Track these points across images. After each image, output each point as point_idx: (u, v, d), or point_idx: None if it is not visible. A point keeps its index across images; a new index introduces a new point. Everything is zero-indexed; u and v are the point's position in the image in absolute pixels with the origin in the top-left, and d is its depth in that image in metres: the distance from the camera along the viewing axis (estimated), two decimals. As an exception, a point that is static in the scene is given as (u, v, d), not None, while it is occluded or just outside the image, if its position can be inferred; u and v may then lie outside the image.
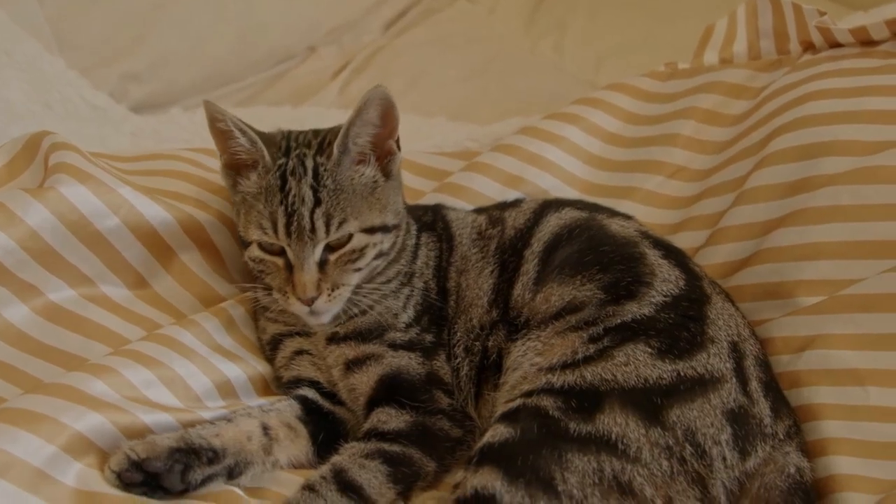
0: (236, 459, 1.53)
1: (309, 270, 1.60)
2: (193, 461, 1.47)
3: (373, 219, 1.64)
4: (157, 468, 1.44)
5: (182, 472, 1.46)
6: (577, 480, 1.38)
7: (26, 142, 1.78)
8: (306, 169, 1.64)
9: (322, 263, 1.61)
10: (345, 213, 1.62)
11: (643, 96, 2.24)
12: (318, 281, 1.60)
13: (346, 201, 1.63)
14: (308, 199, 1.61)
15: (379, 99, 1.62)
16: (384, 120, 1.65)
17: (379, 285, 1.70)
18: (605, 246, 1.65)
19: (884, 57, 1.98)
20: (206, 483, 1.49)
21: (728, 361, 1.51)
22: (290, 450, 1.61)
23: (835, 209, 1.77)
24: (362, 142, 1.65)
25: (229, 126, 1.65)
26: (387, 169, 1.70)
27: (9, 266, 1.61)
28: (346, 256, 1.62)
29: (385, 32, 3.69)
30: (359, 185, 1.65)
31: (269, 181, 1.65)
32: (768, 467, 1.47)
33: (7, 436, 1.33)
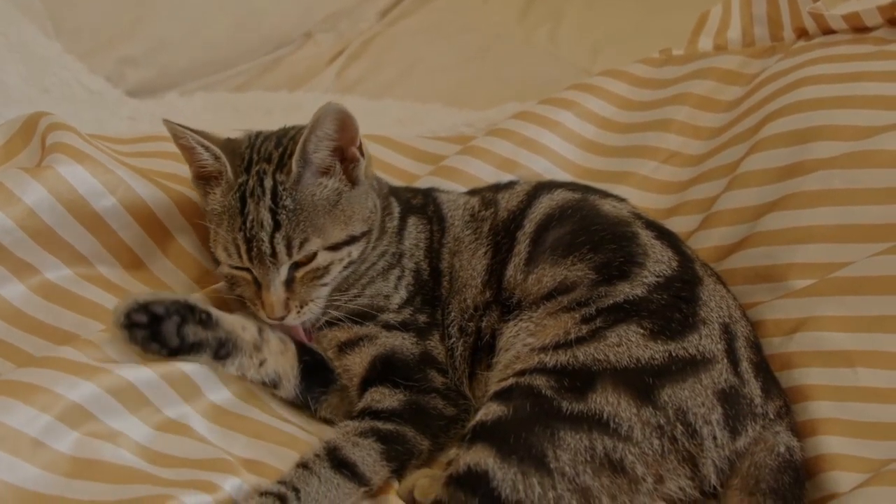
0: (227, 336, 1.58)
1: (275, 291, 1.60)
2: (189, 316, 1.56)
3: (336, 234, 1.62)
4: (160, 311, 1.54)
5: (179, 325, 1.54)
6: (569, 458, 1.39)
7: (24, 122, 1.79)
8: (265, 190, 1.61)
9: (289, 282, 1.60)
10: (306, 234, 1.59)
11: (637, 82, 2.25)
12: (286, 300, 1.60)
13: (308, 220, 1.60)
14: (267, 223, 1.59)
15: (333, 113, 1.59)
16: (341, 132, 1.61)
17: (361, 274, 1.70)
18: (597, 226, 1.65)
19: (876, 43, 1.99)
20: (196, 350, 1.57)
21: (719, 343, 1.52)
22: (278, 360, 1.63)
23: (826, 193, 1.77)
24: (322, 154, 1.62)
25: (191, 143, 1.65)
26: (352, 176, 1.66)
27: (6, 245, 1.62)
28: (310, 274, 1.61)
29: (381, 20, 3.69)
30: (320, 200, 1.62)
31: (230, 202, 1.63)
32: (759, 446, 1.48)
33: (1, 407, 1.34)
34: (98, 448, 1.40)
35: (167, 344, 1.55)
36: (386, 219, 1.76)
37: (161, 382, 1.49)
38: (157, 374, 1.50)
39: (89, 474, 1.36)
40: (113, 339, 1.53)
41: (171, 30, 3.12)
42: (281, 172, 1.62)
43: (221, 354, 1.58)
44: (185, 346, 1.56)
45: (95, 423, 1.41)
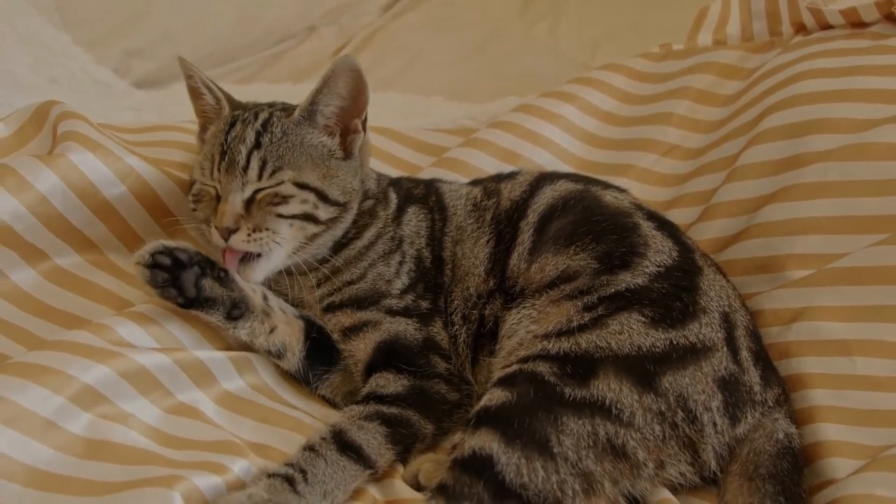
0: (241, 298, 1.62)
1: (233, 203, 1.62)
2: (208, 270, 1.59)
3: (310, 178, 1.65)
4: (183, 258, 1.57)
5: (198, 276, 1.58)
6: (572, 443, 1.41)
7: (34, 111, 1.81)
8: (258, 117, 1.68)
9: (248, 203, 1.62)
10: (281, 162, 1.64)
11: (638, 76, 2.27)
12: (239, 217, 1.61)
13: (288, 153, 1.65)
14: (249, 140, 1.64)
15: (348, 69, 1.64)
16: (352, 94, 1.67)
17: (360, 255, 1.73)
18: (599, 216, 1.67)
19: (873, 38, 2.02)
20: (210, 305, 1.60)
21: (719, 331, 1.54)
22: (284, 330, 1.66)
23: (824, 185, 1.80)
24: (328, 111, 1.68)
25: (197, 83, 1.72)
26: (349, 148, 1.71)
27: (19, 231, 1.65)
28: (268, 198, 1.63)
29: (383, 14, 3.72)
30: (309, 147, 1.67)
31: (220, 127, 1.70)
32: (758, 433, 1.50)
33: (15, 387, 1.36)
34: (109, 430, 1.41)
35: (184, 292, 1.57)
36: (379, 206, 1.78)
37: (175, 368, 1.52)
38: (172, 359, 1.52)
39: (101, 455, 1.38)
40: (125, 322, 1.55)
41: (176, 22, 3.14)
42: (283, 112, 1.69)
43: (234, 315, 1.61)
44: (200, 298, 1.59)
45: (108, 405, 1.43)
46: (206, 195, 1.68)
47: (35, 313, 1.65)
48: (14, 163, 1.66)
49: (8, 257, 1.66)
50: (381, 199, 1.80)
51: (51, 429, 1.37)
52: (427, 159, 2.18)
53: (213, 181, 1.65)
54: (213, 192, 1.66)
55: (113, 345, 1.49)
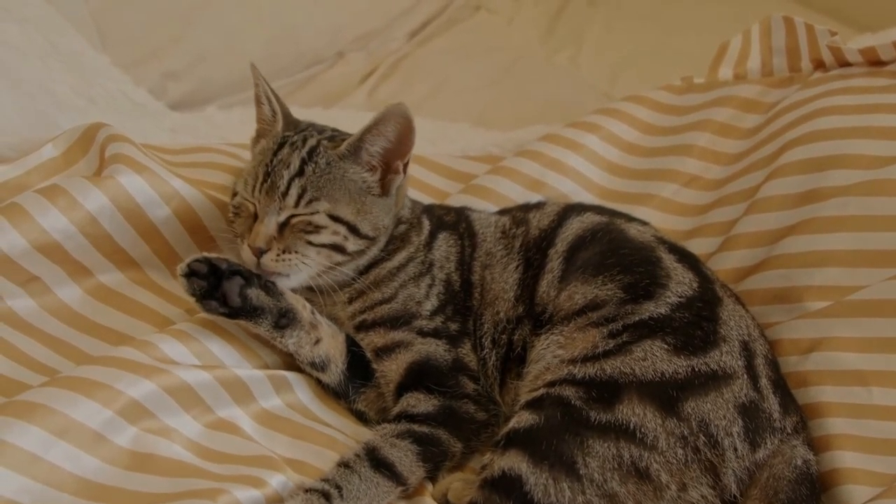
0: (288, 308, 1.65)
1: (268, 224, 1.66)
2: (253, 280, 1.64)
3: (344, 212, 1.70)
4: (222, 266, 1.62)
5: (242, 286, 1.62)
6: (597, 465, 1.45)
7: (83, 133, 1.86)
8: (306, 144, 1.73)
9: (282, 226, 1.67)
10: (320, 194, 1.68)
11: (660, 108, 2.30)
12: (272, 238, 1.66)
13: (328, 186, 1.69)
14: (293, 166, 1.69)
15: (399, 116, 1.69)
16: (399, 138, 1.72)
17: (389, 270, 1.77)
18: (625, 249, 1.71)
19: (891, 76, 2.04)
20: (258, 315, 1.64)
21: (739, 359, 1.57)
22: (329, 342, 1.70)
23: (842, 219, 1.82)
24: (373, 150, 1.72)
25: (260, 92, 1.80)
26: (387, 187, 1.76)
27: (68, 249, 1.70)
28: (302, 224, 1.67)
29: (409, 41, 3.76)
30: (349, 182, 1.72)
31: (269, 144, 1.75)
32: (777, 459, 1.53)
33: (66, 401, 1.41)
34: (154, 443, 1.47)
35: (229, 302, 1.62)
36: (412, 232, 1.83)
37: (215, 384, 1.56)
38: (213, 376, 1.56)
39: (146, 468, 1.43)
40: (168, 339, 1.60)
41: (211, 45, 3.20)
42: (330, 142, 1.74)
43: (282, 324, 1.65)
44: (246, 308, 1.63)
45: (152, 419, 1.48)
46: (244, 210, 1.73)
47: (80, 329, 1.70)
48: (65, 183, 1.71)
49: (56, 274, 1.72)
50: (414, 225, 1.84)
51: (99, 441, 1.42)
52: (455, 186, 2.22)
53: (254, 199, 1.70)
54: (251, 209, 1.71)
55: (157, 361, 1.54)
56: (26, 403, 1.40)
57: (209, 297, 1.62)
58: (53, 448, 1.37)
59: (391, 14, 3.70)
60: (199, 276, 1.62)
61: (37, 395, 1.41)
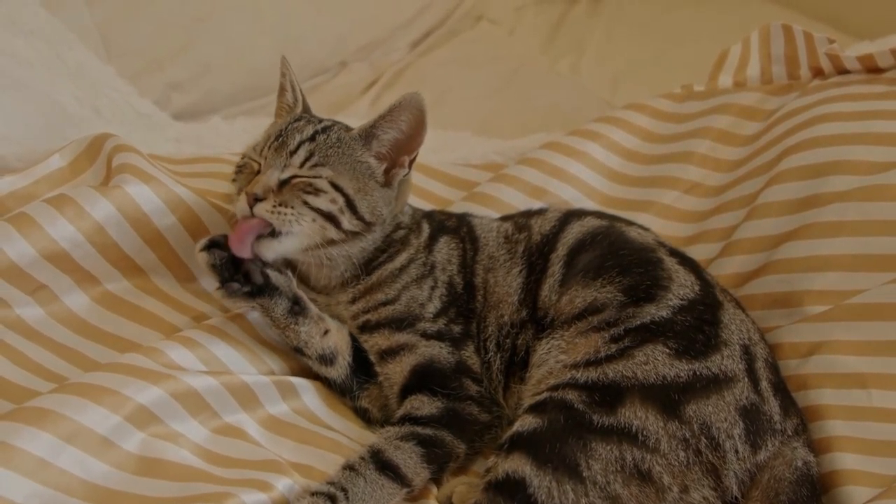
0: (299, 296, 1.70)
1: (270, 176, 1.68)
2: (271, 265, 1.70)
3: (346, 184, 1.72)
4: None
5: (262, 266, 1.69)
6: (600, 467, 1.47)
7: (90, 143, 1.88)
8: (321, 122, 1.79)
9: (283, 184, 1.69)
10: (326, 160, 1.71)
11: (661, 116, 2.32)
12: (270, 190, 1.67)
13: (335, 157, 1.73)
14: (306, 133, 1.75)
15: (414, 106, 1.72)
16: (411, 130, 1.75)
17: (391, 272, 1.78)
18: (625, 250, 1.72)
19: (889, 83, 2.06)
20: (277, 294, 1.68)
21: (740, 363, 1.59)
22: (336, 334, 1.73)
23: (841, 224, 1.84)
24: (384, 139, 1.75)
25: (286, 80, 1.86)
26: (390, 179, 1.78)
27: (76, 257, 1.72)
28: (302, 184, 1.69)
29: (411, 51, 3.78)
30: (356, 161, 1.75)
31: (285, 118, 1.82)
32: (777, 461, 1.54)
33: (75, 406, 1.42)
34: (162, 448, 1.48)
35: (252, 278, 1.67)
36: (412, 235, 1.85)
37: (222, 390, 1.58)
38: (219, 382, 1.58)
39: (154, 472, 1.45)
40: (175, 346, 1.62)
41: (215, 56, 3.22)
42: (344, 129, 1.78)
43: (295, 310, 1.69)
44: (268, 286, 1.67)
45: (160, 424, 1.50)
46: (248, 168, 1.75)
47: (88, 337, 1.71)
48: (73, 192, 1.73)
49: (63, 282, 1.73)
50: (413, 230, 1.86)
51: (107, 446, 1.43)
52: (458, 193, 2.23)
53: (260, 157, 1.73)
54: (255, 167, 1.74)
55: (164, 367, 1.56)
56: (35, 409, 1.41)
57: (230, 279, 1.66)
58: (62, 453, 1.39)
59: (393, 25, 3.72)
60: (220, 247, 1.66)
61: (46, 402, 1.43)
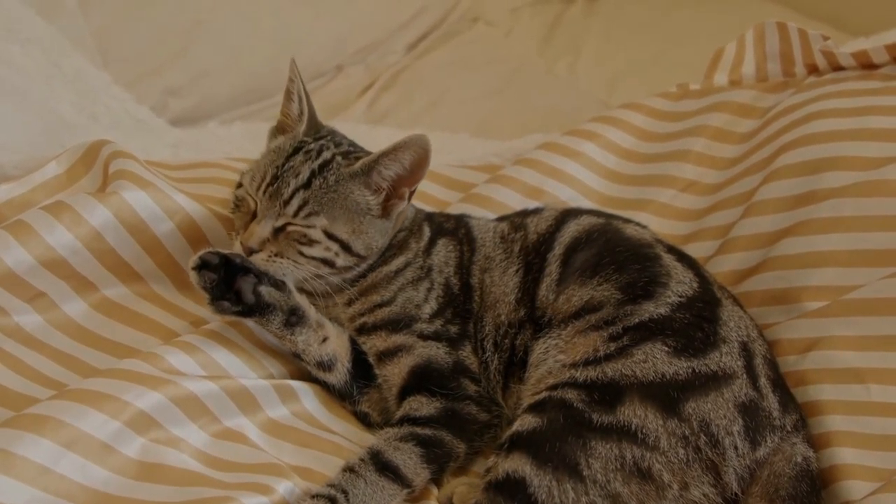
0: (298, 306, 1.68)
1: (264, 227, 1.68)
2: (264, 278, 1.68)
3: (340, 230, 1.71)
4: (236, 261, 1.66)
5: (255, 284, 1.66)
6: (600, 466, 1.47)
7: (86, 150, 1.88)
8: (320, 156, 1.75)
9: (277, 231, 1.69)
10: (320, 209, 1.70)
11: (656, 115, 2.31)
12: (266, 241, 1.68)
13: (330, 203, 1.71)
14: (302, 177, 1.71)
15: (418, 146, 1.71)
16: (413, 167, 1.74)
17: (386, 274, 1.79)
18: (621, 247, 1.72)
19: (884, 79, 2.06)
20: (270, 312, 1.67)
21: (739, 360, 1.59)
22: (336, 340, 1.73)
23: (838, 220, 1.84)
24: (385, 175, 1.74)
25: (292, 88, 1.83)
26: (388, 210, 1.77)
27: (74, 264, 1.72)
28: (297, 234, 1.69)
29: (408, 53, 3.78)
30: (352, 202, 1.73)
31: (285, 145, 1.78)
32: (777, 456, 1.55)
33: (74, 412, 1.42)
34: (162, 453, 1.48)
35: (243, 299, 1.65)
36: (412, 238, 1.85)
37: (222, 394, 1.58)
38: (219, 386, 1.58)
39: (154, 477, 1.45)
40: (174, 351, 1.62)
41: (212, 61, 3.22)
42: (344, 159, 1.76)
43: (291, 322, 1.68)
44: (260, 305, 1.66)
45: (160, 430, 1.50)
46: (245, 205, 1.75)
47: (86, 343, 1.72)
48: (70, 199, 1.73)
49: (61, 289, 1.74)
50: (414, 232, 1.86)
51: (108, 452, 1.43)
52: (455, 195, 2.23)
53: (256, 197, 1.72)
54: (252, 206, 1.73)
55: (164, 372, 1.56)
56: (35, 416, 1.41)
57: (220, 298, 1.65)
58: (63, 459, 1.39)
59: (390, 27, 3.73)
60: (210, 269, 1.64)
61: (45, 408, 1.43)
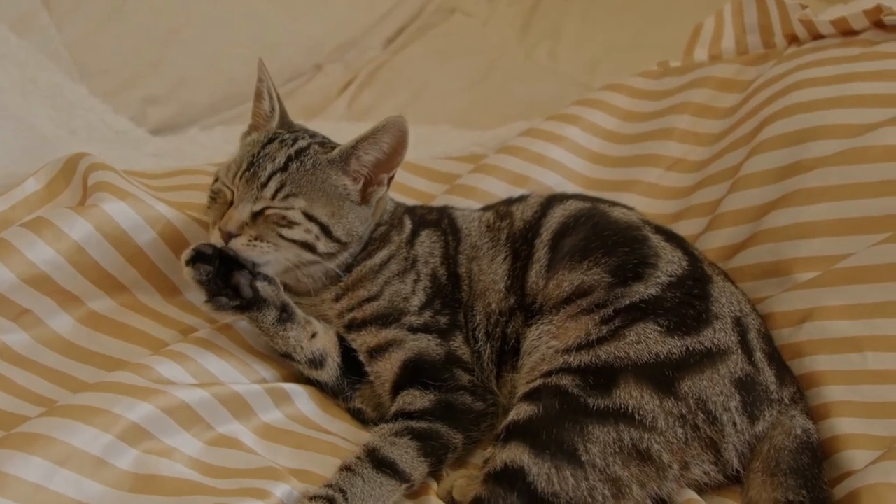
0: (287, 302, 1.69)
1: (242, 210, 1.67)
2: (259, 275, 1.68)
3: (320, 212, 1.71)
4: (230, 252, 1.66)
5: (251, 279, 1.67)
6: (598, 450, 1.46)
7: (64, 164, 1.87)
8: (295, 144, 1.75)
9: (256, 215, 1.68)
10: (299, 192, 1.69)
11: (638, 94, 2.32)
12: (244, 225, 1.67)
13: (308, 186, 1.71)
14: (278, 161, 1.71)
15: (397, 129, 1.71)
16: (392, 151, 1.73)
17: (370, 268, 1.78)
18: (609, 231, 1.71)
19: (864, 45, 2.05)
20: (265, 306, 1.67)
21: (733, 335, 1.58)
22: (324, 336, 1.73)
23: (825, 189, 1.84)
24: (364, 160, 1.74)
25: (263, 88, 1.83)
26: (367, 197, 1.77)
27: (56, 279, 1.71)
28: (275, 217, 1.68)
29: (386, 48, 3.77)
30: (330, 186, 1.73)
31: (259, 138, 1.78)
32: (776, 430, 1.55)
33: (66, 429, 1.41)
34: (156, 464, 1.47)
35: (241, 293, 1.65)
36: (393, 231, 1.84)
37: (214, 402, 1.57)
38: (210, 393, 1.57)
39: (150, 489, 1.44)
40: (163, 360, 1.61)
41: (191, 68, 3.21)
42: (321, 147, 1.76)
43: (284, 317, 1.68)
44: (257, 299, 1.66)
45: (152, 440, 1.49)
46: (221, 197, 1.74)
47: (75, 358, 1.70)
48: (49, 214, 1.72)
49: (46, 305, 1.72)
50: (395, 225, 1.85)
51: (101, 466, 1.42)
52: (439, 187, 2.23)
53: (233, 186, 1.72)
54: (228, 195, 1.72)
55: (154, 383, 1.55)
56: (26, 435, 1.40)
57: (217, 293, 1.65)
58: (56, 476, 1.38)
59: (366, 24, 3.71)
60: (205, 261, 1.64)
61: (36, 426, 1.42)
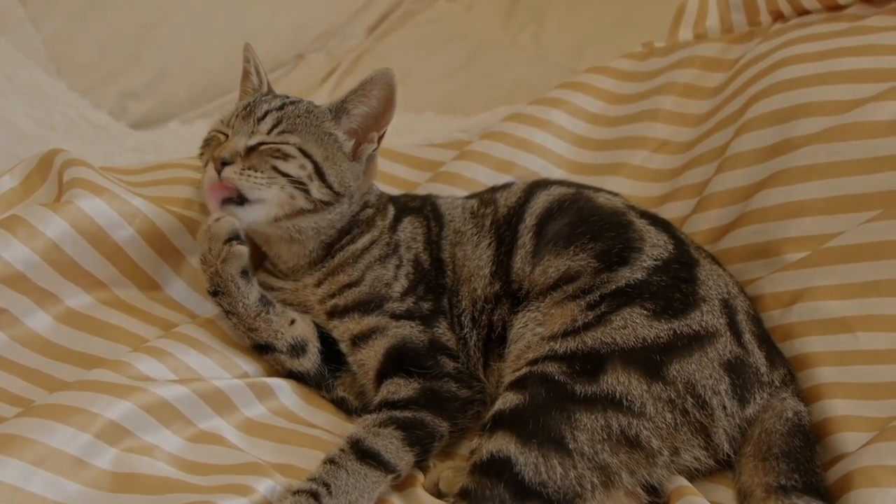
0: (264, 293, 1.71)
1: (238, 141, 1.69)
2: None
3: (314, 151, 1.72)
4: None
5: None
6: (586, 438, 1.44)
7: (39, 161, 1.83)
8: (289, 96, 1.80)
9: (250, 149, 1.69)
10: (293, 128, 1.73)
11: (623, 76, 2.30)
12: (238, 155, 1.67)
13: (303, 126, 1.74)
14: (275, 104, 1.76)
15: (386, 81, 1.73)
16: (381, 106, 1.75)
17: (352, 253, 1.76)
18: (594, 216, 1.70)
19: (850, 20, 2.04)
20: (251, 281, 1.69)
21: (721, 317, 1.57)
22: (301, 323, 1.72)
23: (813, 168, 1.82)
24: (355, 113, 1.76)
25: (250, 66, 1.88)
26: (358, 153, 1.78)
27: (31, 277, 1.68)
28: (271, 149, 1.69)
29: (369, 36, 3.75)
30: (324, 133, 1.75)
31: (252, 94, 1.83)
32: (767, 413, 1.53)
33: (42, 429, 1.39)
34: (136, 462, 1.44)
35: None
36: (377, 216, 1.83)
37: (194, 397, 1.54)
38: (190, 389, 1.55)
39: (130, 488, 1.41)
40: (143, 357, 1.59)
41: (169, 61, 3.19)
42: (312, 103, 1.79)
43: (265, 300, 1.69)
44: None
45: (132, 438, 1.46)
46: (215, 141, 1.75)
47: (52, 356, 1.67)
48: (24, 212, 1.69)
49: (22, 304, 1.69)
50: (380, 210, 1.84)
51: (79, 466, 1.40)
52: (423, 175, 2.21)
53: (227, 128, 1.73)
54: (223, 138, 1.73)
55: (133, 380, 1.52)
56: (2, 436, 1.38)
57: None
58: (33, 478, 1.36)
59: (348, 11, 3.69)
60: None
61: (11, 427, 1.40)
